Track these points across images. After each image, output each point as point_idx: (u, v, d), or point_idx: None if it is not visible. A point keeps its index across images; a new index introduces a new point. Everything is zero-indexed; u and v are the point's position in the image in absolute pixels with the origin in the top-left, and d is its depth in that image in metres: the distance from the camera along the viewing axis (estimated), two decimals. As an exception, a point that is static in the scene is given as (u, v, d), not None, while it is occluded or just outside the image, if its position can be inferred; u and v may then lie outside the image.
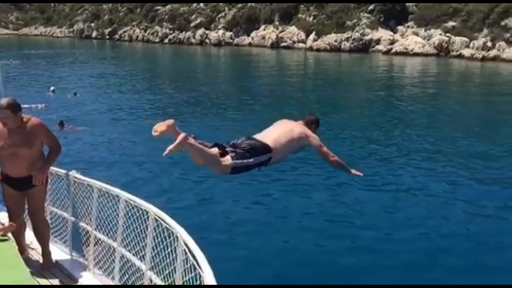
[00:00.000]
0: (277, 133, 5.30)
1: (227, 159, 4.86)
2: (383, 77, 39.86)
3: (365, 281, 8.91)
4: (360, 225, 11.37)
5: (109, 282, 6.01)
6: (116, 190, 5.69)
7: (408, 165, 16.26)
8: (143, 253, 5.14)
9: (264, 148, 5.06)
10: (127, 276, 5.57)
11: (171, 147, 4.56)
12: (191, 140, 4.61)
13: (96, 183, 6.11)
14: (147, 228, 5.00)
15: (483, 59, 47.36)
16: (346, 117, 24.47)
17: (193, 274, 3.78)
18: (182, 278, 4.09)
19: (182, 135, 4.54)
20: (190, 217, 11.23)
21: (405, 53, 52.43)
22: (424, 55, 51.00)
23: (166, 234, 4.53)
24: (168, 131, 4.62)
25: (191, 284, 3.79)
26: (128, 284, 5.55)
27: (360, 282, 8.90)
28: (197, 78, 40.25)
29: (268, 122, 5.64)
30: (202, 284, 3.50)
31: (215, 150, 4.84)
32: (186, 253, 4.01)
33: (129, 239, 5.44)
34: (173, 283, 4.37)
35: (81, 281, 6.16)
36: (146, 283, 5.10)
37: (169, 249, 4.43)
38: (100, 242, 6.24)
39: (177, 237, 4.28)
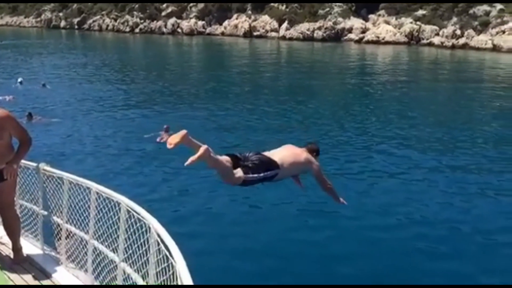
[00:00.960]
0: (285, 154, 5.70)
1: (238, 172, 5.22)
2: (355, 65, 40.24)
3: (343, 269, 8.95)
4: (332, 212, 11.45)
5: (82, 275, 5.94)
6: (87, 182, 5.61)
7: (381, 151, 16.50)
8: (116, 245, 5.09)
9: (273, 165, 5.45)
10: (100, 268, 5.52)
11: (193, 158, 4.89)
12: (211, 152, 4.93)
13: (67, 175, 6.01)
14: (119, 220, 4.95)
15: (453, 47, 48.31)
16: (319, 105, 24.63)
17: (166, 264, 3.76)
18: (155, 268, 4.07)
19: (204, 148, 4.88)
20: (164, 210, 11.20)
21: (376, 42, 53.06)
22: (395, 43, 51.70)
23: (138, 225, 4.50)
24: (182, 142, 4.87)
25: (164, 274, 3.78)
26: (101, 276, 5.50)
27: (337, 269, 8.95)
28: (169, 68, 39.83)
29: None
30: (176, 275, 3.49)
31: (228, 162, 5.20)
32: (158, 244, 3.99)
33: (101, 231, 5.38)
34: (146, 274, 4.35)
35: (54, 276, 6.06)
36: (119, 275, 5.06)
37: (142, 240, 4.41)
38: (72, 235, 6.15)
39: (149, 227, 4.26)
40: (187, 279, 3.21)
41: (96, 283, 5.68)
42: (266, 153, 5.58)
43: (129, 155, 16.12)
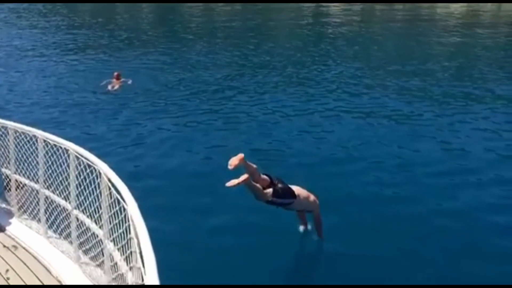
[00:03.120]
0: (300, 190, 7.15)
1: (269, 192, 6.72)
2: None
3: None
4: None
5: (35, 225, 5.86)
6: (33, 130, 5.42)
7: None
8: (67, 192, 5.01)
9: (292, 194, 6.96)
10: (53, 217, 5.45)
11: (234, 183, 6.32)
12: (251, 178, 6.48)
13: (11, 124, 5.78)
14: (68, 167, 4.84)
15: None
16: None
17: (117, 207, 3.74)
18: (108, 213, 4.05)
19: (245, 177, 6.36)
20: (121, 163, 10.95)
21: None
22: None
23: (88, 171, 4.42)
24: (240, 164, 6.48)
25: (117, 217, 3.76)
26: (54, 224, 5.45)
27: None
28: (119, 12, 38.12)
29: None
30: (128, 217, 3.47)
31: (265, 181, 6.80)
32: (109, 188, 3.95)
33: (52, 180, 5.27)
34: (99, 219, 4.33)
35: (8, 228, 5.96)
36: (73, 222, 5.02)
37: (93, 186, 4.34)
38: (22, 186, 6.00)
39: (99, 173, 4.19)
40: (138, 221, 3.20)
41: (50, 232, 5.63)
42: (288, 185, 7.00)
43: (78, 105, 15.59)
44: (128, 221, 3.45)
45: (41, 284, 4.91)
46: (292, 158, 11.47)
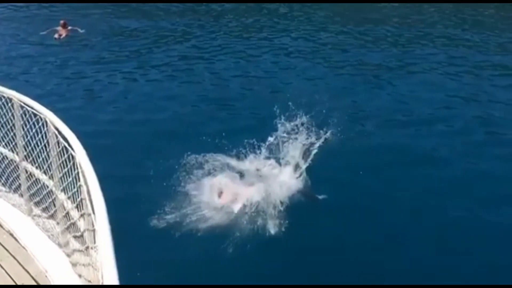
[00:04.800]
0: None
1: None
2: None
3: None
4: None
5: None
6: (-28, 80, 5.12)
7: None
8: (13, 143, 4.82)
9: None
10: (1, 169, 5.26)
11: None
12: None
13: None
14: (13, 117, 4.63)
15: None
16: None
17: (66, 156, 3.62)
18: (57, 162, 3.92)
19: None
20: (72, 120, 10.60)
21: None
22: None
23: (34, 120, 4.24)
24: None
25: (66, 165, 3.65)
26: (3, 177, 5.27)
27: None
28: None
29: None
30: (76, 165, 3.38)
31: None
32: (56, 136, 3.81)
33: (-4, 132, 5.05)
34: (49, 169, 4.20)
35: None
36: (22, 174, 4.86)
37: (40, 135, 4.18)
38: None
39: (46, 121, 4.02)
40: (87, 168, 3.12)
41: (-1, 185, 5.46)
42: None
43: (24, 57, 14.91)
44: (77, 168, 3.36)
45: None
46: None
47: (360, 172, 8.61)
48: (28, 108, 4.30)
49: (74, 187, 3.56)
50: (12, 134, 4.78)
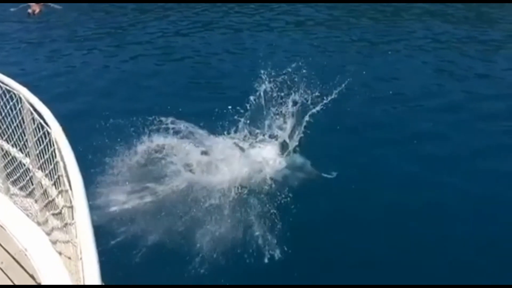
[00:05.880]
0: None
1: None
2: None
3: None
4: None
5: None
6: None
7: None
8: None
9: None
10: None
11: None
12: None
13: None
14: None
15: None
16: None
17: (41, 132, 3.54)
18: (32, 139, 3.85)
19: None
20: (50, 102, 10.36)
21: None
22: None
23: (8, 96, 4.13)
24: None
25: (42, 142, 3.58)
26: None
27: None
28: None
29: None
30: (52, 141, 3.31)
31: None
32: (32, 113, 3.72)
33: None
34: (25, 147, 4.11)
35: None
36: (-3, 153, 4.76)
37: (14, 112, 4.08)
38: None
39: (20, 98, 3.92)
40: (63, 144, 3.06)
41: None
42: None
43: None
44: (54, 145, 3.30)
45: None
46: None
47: (345, 148, 8.65)
48: (2, 85, 4.19)
49: (51, 164, 3.50)
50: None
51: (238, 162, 7.89)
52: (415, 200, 7.58)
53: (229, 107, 8.92)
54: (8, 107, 4.18)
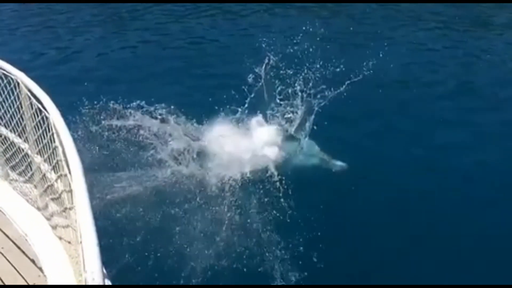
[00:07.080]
0: None
1: None
2: None
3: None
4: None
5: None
6: None
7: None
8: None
9: None
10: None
11: None
12: None
13: None
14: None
15: None
16: None
17: (40, 117, 3.53)
18: (31, 124, 3.83)
19: None
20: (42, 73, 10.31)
21: None
22: None
23: (6, 81, 4.10)
24: None
25: (40, 127, 3.57)
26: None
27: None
28: None
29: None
30: (51, 126, 3.30)
31: None
32: (29, 98, 3.70)
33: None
34: (23, 132, 4.10)
35: None
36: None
37: (12, 97, 4.06)
38: None
39: (17, 82, 3.90)
40: (62, 128, 3.05)
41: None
42: None
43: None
44: (52, 129, 3.29)
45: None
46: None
47: (350, 137, 8.59)
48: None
49: (49, 149, 3.49)
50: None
51: (239, 149, 7.87)
52: (425, 190, 7.45)
53: (232, 92, 8.85)
54: (6, 92, 4.16)
